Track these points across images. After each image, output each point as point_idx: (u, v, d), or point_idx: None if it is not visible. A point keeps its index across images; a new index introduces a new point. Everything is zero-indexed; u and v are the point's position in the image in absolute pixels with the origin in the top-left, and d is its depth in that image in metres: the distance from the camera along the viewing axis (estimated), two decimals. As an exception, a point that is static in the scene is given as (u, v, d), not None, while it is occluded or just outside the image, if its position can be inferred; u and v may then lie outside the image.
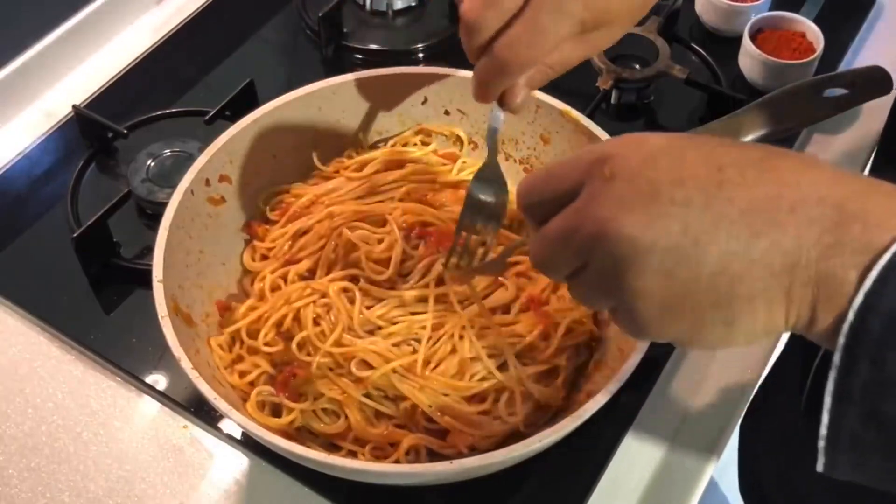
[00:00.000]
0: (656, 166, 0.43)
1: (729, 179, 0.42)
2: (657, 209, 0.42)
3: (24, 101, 0.96)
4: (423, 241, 0.72)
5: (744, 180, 0.42)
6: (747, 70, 0.95)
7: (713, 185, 0.42)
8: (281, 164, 0.78)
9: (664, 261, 0.42)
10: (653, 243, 0.42)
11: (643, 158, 0.43)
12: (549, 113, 0.76)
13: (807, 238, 0.40)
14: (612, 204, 0.43)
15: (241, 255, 0.76)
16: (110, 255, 0.81)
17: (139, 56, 1.00)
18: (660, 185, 0.42)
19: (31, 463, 0.71)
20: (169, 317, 0.62)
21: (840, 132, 0.94)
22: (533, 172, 0.50)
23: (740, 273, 0.41)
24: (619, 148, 0.44)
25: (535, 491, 0.68)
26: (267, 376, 0.68)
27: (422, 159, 0.79)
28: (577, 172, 0.46)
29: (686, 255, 0.42)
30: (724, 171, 0.42)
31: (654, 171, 0.43)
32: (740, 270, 0.41)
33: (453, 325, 0.68)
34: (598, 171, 0.44)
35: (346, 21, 1.02)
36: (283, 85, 0.78)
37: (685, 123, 0.93)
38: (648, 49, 0.94)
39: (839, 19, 1.02)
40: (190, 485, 0.70)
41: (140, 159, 0.86)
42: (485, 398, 0.66)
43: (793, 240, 0.40)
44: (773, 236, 0.41)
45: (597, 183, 0.44)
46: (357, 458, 0.65)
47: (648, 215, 0.42)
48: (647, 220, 0.42)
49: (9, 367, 0.76)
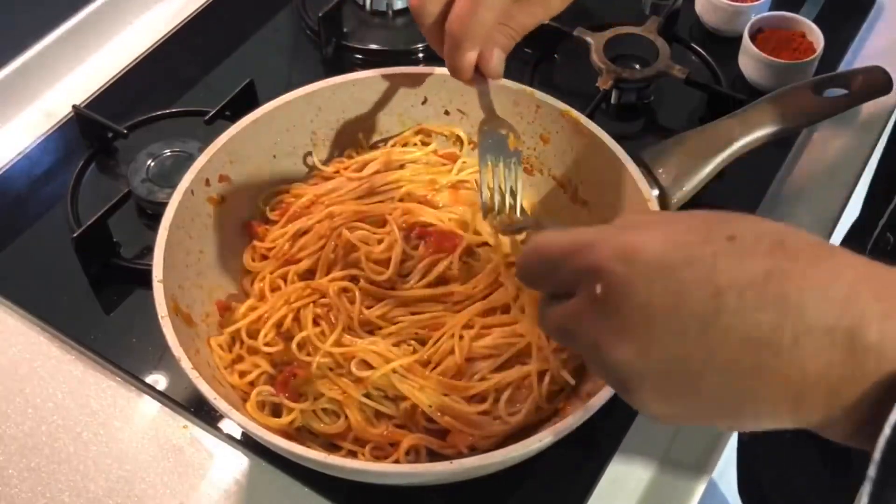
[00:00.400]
0: (649, 290, 0.40)
1: (727, 306, 0.38)
2: (650, 339, 0.40)
3: (24, 101, 0.96)
4: (423, 242, 0.72)
5: (743, 306, 0.38)
6: (747, 70, 0.95)
7: (710, 313, 0.38)
8: (281, 164, 0.78)
9: (660, 385, 0.40)
10: (647, 370, 0.40)
11: (635, 279, 0.40)
12: (549, 113, 0.76)
13: (812, 371, 0.37)
14: (603, 329, 0.41)
15: (241, 255, 0.76)
16: (110, 255, 0.81)
17: (139, 56, 1.00)
18: (653, 313, 0.39)
19: (31, 463, 0.71)
20: (169, 317, 0.62)
21: (840, 132, 0.94)
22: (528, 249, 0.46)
23: (742, 400, 0.39)
24: (611, 262, 0.41)
25: (535, 491, 0.68)
26: (267, 376, 0.68)
27: (422, 159, 0.79)
28: (569, 275, 0.43)
29: (683, 383, 0.40)
30: (721, 296, 0.38)
31: (647, 297, 0.40)
32: (742, 398, 0.39)
33: (453, 325, 0.68)
34: (590, 287, 0.42)
35: (346, 21, 1.02)
36: (283, 85, 0.78)
37: (685, 123, 0.93)
38: (648, 49, 0.94)
39: (839, 19, 1.02)
40: (190, 485, 0.70)
41: (140, 159, 0.86)
42: (485, 398, 0.66)
43: (798, 371, 0.38)
44: (776, 368, 0.38)
45: (588, 300, 0.42)
46: (357, 458, 0.65)
47: (641, 345, 0.40)
48: (640, 350, 0.40)
49: (9, 367, 0.76)
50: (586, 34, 0.95)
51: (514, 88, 0.76)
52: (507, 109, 0.77)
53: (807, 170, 0.91)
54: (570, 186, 0.77)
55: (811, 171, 0.91)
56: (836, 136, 0.94)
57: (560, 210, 0.77)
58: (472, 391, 0.66)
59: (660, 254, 0.40)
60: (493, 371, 0.67)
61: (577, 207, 0.76)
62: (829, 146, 0.93)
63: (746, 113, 0.80)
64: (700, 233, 0.40)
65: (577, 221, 0.76)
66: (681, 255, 0.40)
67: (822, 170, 0.91)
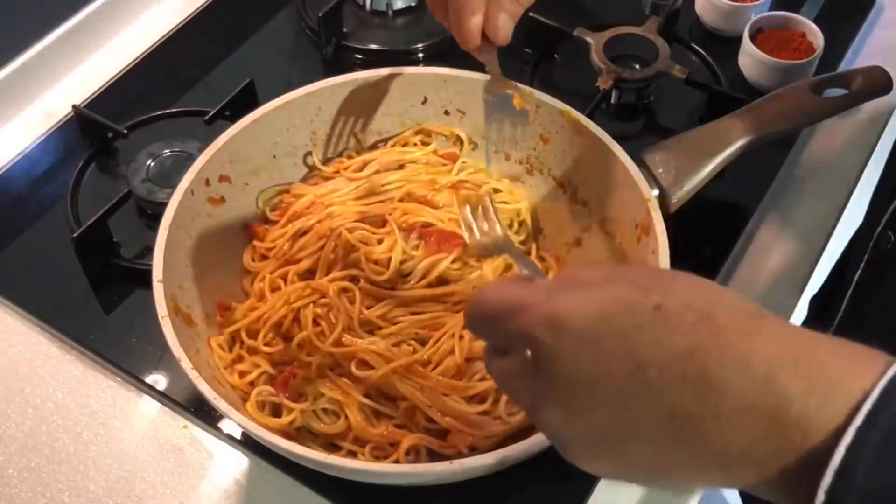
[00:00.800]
0: (575, 361, 0.40)
1: (648, 381, 0.38)
2: (574, 408, 0.40)
3: (24, 101, 0.96)
4: (423, 242, 0.72)
5: (665, 382, 0.38)
6: (747, 70, 0.95)
7: (632, 388, 0.39)
8: (281, 164, 0.78)
9: (588, 449, 0.41)
10: (573, 435, 0.41)
11: (561, 349, 0.40)
12: (549, 113, 0.76)
13: (737, 445, 0.37)
14: (534, 391, 0.42)
15: (241, 255, 0.76)
16: (110, 255, 0.81)
17: (139, 56, 1.00)
18: (577, 384, 0.40)
19: (31, 463, 0.71)
20: (169, 317, 0.62)
21: (840, 132, 0.94)
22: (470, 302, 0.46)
23: (669, 467, 0.40)
24: (539, 330, 0.41)
25: (535, 491, 0.68)
26: (267, 376, 0.68)
27: (422, 159, 0.79)
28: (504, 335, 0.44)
29: (609, 449, 0.41)
30: (644, 369, 0.38)
31: (573, 368, 0.40)
32: (669, 465, 0.40)
33: (453, 325, 0.68)
34: (521, 350, 0.43)
35: (346, 21, 1.02)
36: (283, 85, 0.78)
37: (685, 123, 0.93)
38: (648, 49, 0.94)
39: (839, 19, 1.02)
40: (190, 485, 0.70)
41: (140, 159, 0.86)
42: (485, 398, 0.66)
43: (722, 445, 0.38)
44: (700, 442, 0.38)
45: (521, 361, 0.43)
46: (357, 458, 0.65)
47: (566, 412, 0.41)
48: (566, 417, 0.41)
49: (9, 367, 0.76)
50: (586, 34, 0.95)
51: (514, 88, 0.76)
52: (507, 109, 0.77)
53: (807, 170, 0.91)
54: (570, 186, 0.77)
55: (811, 170, 0.91)
56: (836, 136, 0.94)
57: (560, 210, 0.77)
58: (472, 391, 0.66)
59: (586, 324, 0.40)
60: (493, 371, 0.67)
61: (577, 207, 0.76)
62: (829, 146, 0.93)
63: (746, 113, 0.80)
64: (628, 301, 0.40)
65: (577, 221, 0.76)
66: (606, 327, 0.40)
67: (822, 170, 0.91)
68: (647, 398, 0.38)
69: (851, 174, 0.91)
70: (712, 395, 0.37)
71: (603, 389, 0.39)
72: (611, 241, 0.73)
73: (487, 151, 0.77)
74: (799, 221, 0.87)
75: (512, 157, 0.80)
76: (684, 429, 0.38)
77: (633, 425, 0.39)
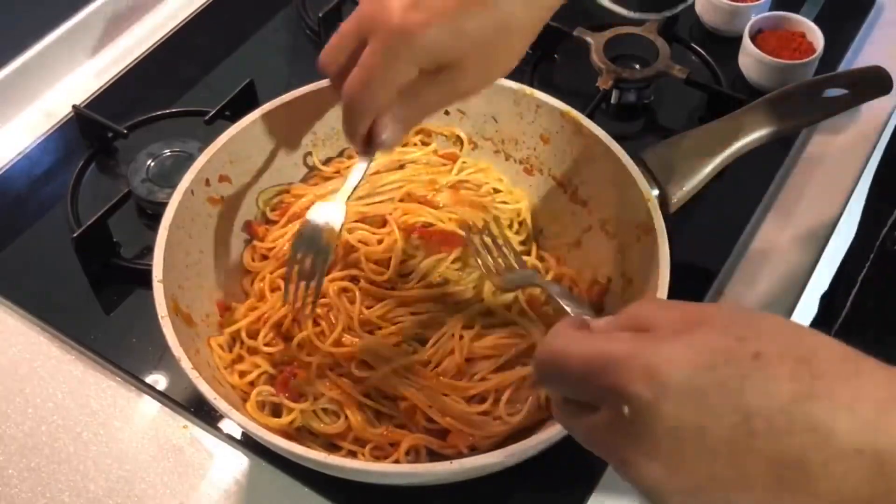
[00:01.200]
0: (679, 415, 0.39)
1: (756, 431, 0.38)
2: (679, 461, 0.40)
3: (24, 101, 0.96)
4: (423, 242, 0.72)
5: (772, 430, 0.38)
6: (747, 70, 0.95)
7: (740, 438, 0.39)
8: (281, 165, 0.78)
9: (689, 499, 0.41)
10: (676, 489, 0.41)
11: (664, 404, 0.40)
12: (549, 113, 0.76)
13: (844, 491, 0.38)
14: (631, 448, 0.41)
15: (241, 255, 0.76)
16: (110, 255, 0.81)
17: (139, 56, 1.00)
18: (683, 437, 0.39)
19: (31, 463, 0.71)
20: (169, 317, 0.62)
21: (840, 132, 0.94)
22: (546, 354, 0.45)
23: None
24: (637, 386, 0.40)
25: (535, 491, 0.68)
26: (267, 376, 0.68)
27: (422, 159, 0.79)
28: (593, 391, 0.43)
29: (711, 499, 0.40)
30: (751, 420, 0.38)
31: (677, 421, 0.39)
32: None
33: (453, 326, 0.68)
34: (616, 407, 0.41)
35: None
36: (283, 85, 0.78)
37: (685, 123, 0.93)
38: (648, 49, 0.94)
39: (839, 19, 1.02)
40: (190, 485, 0.70)
41: (140, 159, 0.86)
42: (485, 398, 0.66)
43: (828, 492, 0.38)
44: (806, 489, 0.38)
45: (615, 418, 0.41)
46: (357, 458, 0.65)
47: (670, 466, 0.40)
48: (669, 470, 0.40)
49: (9, 367, 0.76)
50: (586, 34, 0.95)
51: (514, 88, 0.76)
52: (508, 109, 0.77)
53: (807, 170, 0.91)
54: (570, 186, 0.77)
55: (811, 171, 0.91)
56: (836, 136, 0.94)
57: (560, 210, 0.77)
58: (472, 391, 0.66)
59: (688, 377, 0.40)
60: (494, 371, 0.68)
61: (577, 207, 0.76)
62: (829, 146, 0.93)
63: (746, 113, 0.80)
64: (725, 351, 0.40)
65: (577, 221, 0.76)
66: (709, 379, 0.39)
67: (822, 170, 0.91)
68: (754, 448, 0.39)
69: (851, 174, 0.91)
70: (820, 440, 0.38)
71: (710, 441, 0.39)
72: (611, 241, 0.73)
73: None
74: (799, 221, 0.87)
75: (512, 158, 0.79)
76: (791, 476, 0.38)
77: (738, 475, 0.39)
